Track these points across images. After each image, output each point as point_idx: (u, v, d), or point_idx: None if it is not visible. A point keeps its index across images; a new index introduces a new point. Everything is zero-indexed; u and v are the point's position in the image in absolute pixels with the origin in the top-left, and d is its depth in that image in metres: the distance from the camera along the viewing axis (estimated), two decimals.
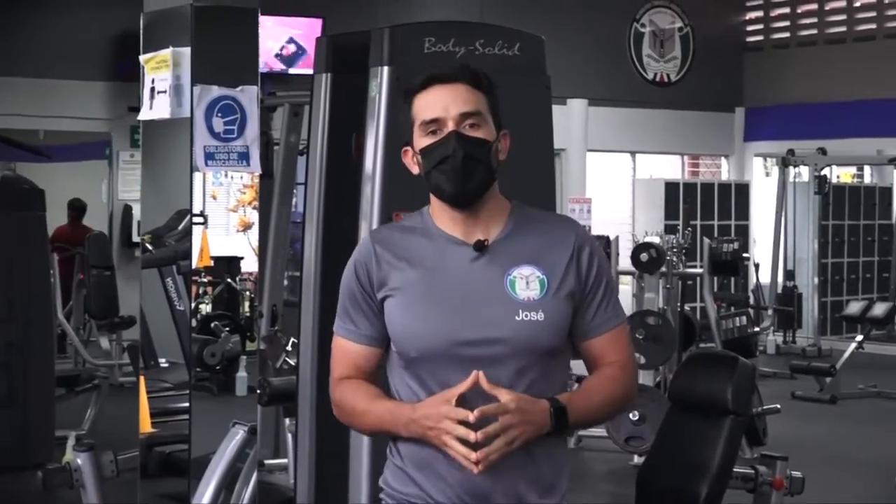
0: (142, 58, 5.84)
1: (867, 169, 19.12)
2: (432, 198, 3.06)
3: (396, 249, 3.04)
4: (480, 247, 2.99)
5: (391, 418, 2.97)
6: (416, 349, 2.97)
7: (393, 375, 3.08)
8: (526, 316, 2.95)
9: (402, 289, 3.00)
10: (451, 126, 2.96)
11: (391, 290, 3.01)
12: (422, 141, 3.00)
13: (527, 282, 2.97)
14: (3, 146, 12.74)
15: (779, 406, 9.48)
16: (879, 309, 13.43)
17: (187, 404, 5.89)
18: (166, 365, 6.40)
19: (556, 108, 5.22)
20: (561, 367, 3.06)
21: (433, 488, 2.96)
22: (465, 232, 3.02)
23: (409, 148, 3.05)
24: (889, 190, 18.16)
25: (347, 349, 3.10)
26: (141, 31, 5.92)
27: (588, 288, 3.03)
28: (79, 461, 6.25)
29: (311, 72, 5.49)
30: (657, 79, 18.25)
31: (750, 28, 19.06)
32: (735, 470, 4.74)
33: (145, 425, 6.10)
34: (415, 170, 3.04)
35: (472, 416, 2.81)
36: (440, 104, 2.97)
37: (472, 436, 2.81)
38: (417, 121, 3.00)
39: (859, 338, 13.08)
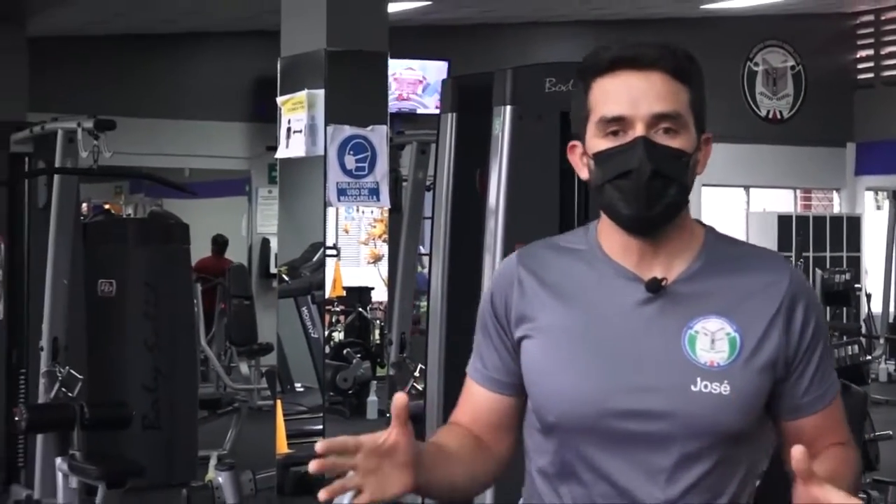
0: (279, 100, 6.07)
1: None
2: (602, 213, 2.27)
3: (547, 275, 2.27)
4: (655, 287, 2.20)
5: None
6: (555, 412, 2.22)
7: (530, 441, 2.34)
8: (705, 387, 2.15)
9: (546, 330, 2.24)
10: (639, 129, 2.14)
11: (532, 328, 2.25)
12: (598, 142, 2.19)
13: (712, 339, 2.17)
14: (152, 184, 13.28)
15: (891, 432, 9.50)
16: None
17: (321, 426, 6.10)
18: (301, 389, 6.55)
19: None
20: (746, 456, 2.24)
21: None
22: (639, 264, 2.23)
23: (577, 144, 2.25)
24: None
25: (471, 392, 2.35)
26: (278, 75, 6.17)
27: (800, 355, 2.23)
28: (220, 480, 6.53)
29: (437, 111, 5.76)
30: (770, 115, 18.29)
31: (861, 66, 19.04)
32: None
33: (282, 446, 6.26)
34: (583, 174, 2.25)
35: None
36: (628, 97, 2.16)
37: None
38: (595, 115, 2.19)
39: None
